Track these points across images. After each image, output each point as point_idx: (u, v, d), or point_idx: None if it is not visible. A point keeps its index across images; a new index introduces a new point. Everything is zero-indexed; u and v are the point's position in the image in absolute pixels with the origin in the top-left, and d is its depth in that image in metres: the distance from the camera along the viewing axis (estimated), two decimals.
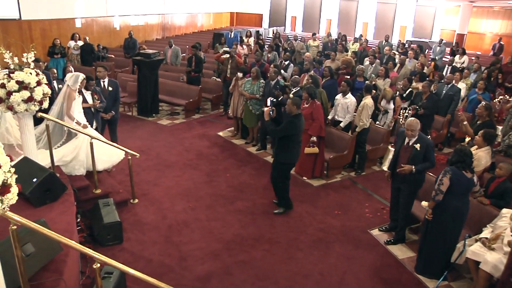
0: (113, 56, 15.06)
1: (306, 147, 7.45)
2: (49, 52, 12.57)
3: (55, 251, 3.87)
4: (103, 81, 7.69)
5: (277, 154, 6.39)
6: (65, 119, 6.33)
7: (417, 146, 5.53)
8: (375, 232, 6.18)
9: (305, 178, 7.77)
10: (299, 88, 7.93)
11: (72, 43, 13.67)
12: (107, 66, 13.39)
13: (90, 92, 7.16)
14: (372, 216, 6.62)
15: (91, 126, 7.03)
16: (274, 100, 6.79)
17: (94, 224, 5.60)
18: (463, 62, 14.05)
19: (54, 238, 3.32)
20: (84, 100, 6.96)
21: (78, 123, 6.35)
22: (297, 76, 8.43)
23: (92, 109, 7.07)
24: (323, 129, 7.49)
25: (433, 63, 13.54)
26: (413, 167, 5.51)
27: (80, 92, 6.69)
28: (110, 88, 7.66)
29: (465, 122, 6.80)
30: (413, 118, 5.62)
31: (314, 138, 7.41)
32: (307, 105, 7.42)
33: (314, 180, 7.74)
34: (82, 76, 6.54)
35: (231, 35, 17.74)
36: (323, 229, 6.19)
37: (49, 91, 5.14)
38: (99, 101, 7.13)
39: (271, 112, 6.23)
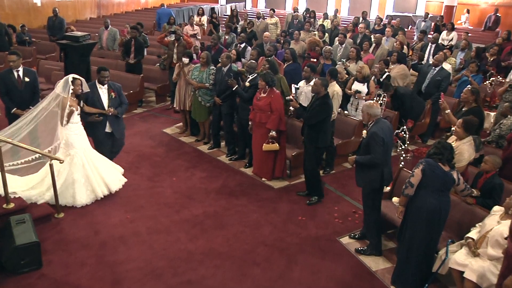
0: (34, 39, 14.65)
1: (264, 143, 7.50)
2: None
3: None
4: (17, 71, 7.46)
5: (312, 139, 6.85)
6: (58, 133, 6.53)
7: (364, 133, 5.70)
8: (345, 240, 6.29)
9: (264, 179, 7.82)
10: (256, 74, 7.97)
11: None
12: (28, 52, 13.12)
13: (106, 87, 7.10)
14: (342, 222, 6.72)
15: (104, 130, 7.16)
16: (298, 87, 7.71)
17: (3, 247, 5.39)
18: (451, 39, 14.20)
19: None
20: (98, 99, 7.02)
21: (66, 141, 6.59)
22: (253, 61, 8.45)
23: (108, 108, 7.07)
24: (283, 122, 7.55)
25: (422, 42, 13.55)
26: (354, 157, 5.75)
27: (78, 97, 6.70)
28: (26, 79, 7.46)
29: (448, 111, 6.83)
30: (370, 101, 5.79)
31: (274, 133, 7.46)
32: (264, 95, 7.46)
33: (275, 182, 7.80)
34: (71, 77, 6.51)
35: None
36: (285, 238, 6.24)
37: None
38: (113, 108, 7.06)
39: (296, 99, 7.20)
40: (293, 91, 7.66)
